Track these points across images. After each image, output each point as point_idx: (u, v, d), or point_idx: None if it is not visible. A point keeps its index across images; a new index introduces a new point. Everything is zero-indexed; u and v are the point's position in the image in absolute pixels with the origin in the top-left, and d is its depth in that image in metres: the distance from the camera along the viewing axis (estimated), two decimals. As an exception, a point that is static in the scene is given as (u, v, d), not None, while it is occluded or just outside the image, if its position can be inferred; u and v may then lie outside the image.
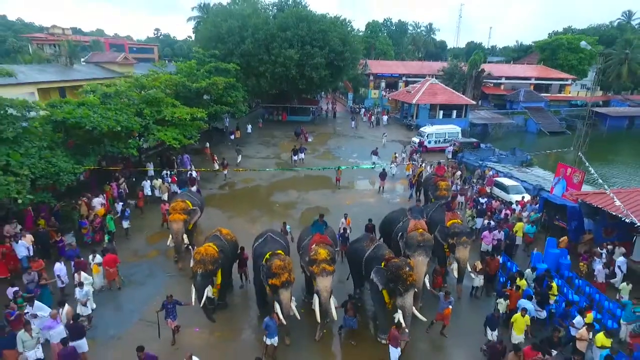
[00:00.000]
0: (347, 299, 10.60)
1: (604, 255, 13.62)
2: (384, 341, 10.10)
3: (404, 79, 55.09)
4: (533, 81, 56.88)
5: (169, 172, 20.39)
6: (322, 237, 10.75)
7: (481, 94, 53.09)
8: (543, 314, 10.98)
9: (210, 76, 27.02)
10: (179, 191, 18.84)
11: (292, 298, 9.97)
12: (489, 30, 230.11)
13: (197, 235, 15.24)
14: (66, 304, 9.94)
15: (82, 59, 36.26)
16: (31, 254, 12.72)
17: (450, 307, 10.53)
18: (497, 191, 20.58)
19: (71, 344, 8.83)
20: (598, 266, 12.86)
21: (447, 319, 10.58)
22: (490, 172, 22.15)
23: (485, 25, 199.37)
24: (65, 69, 29.84)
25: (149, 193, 18.89)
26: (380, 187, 21.90)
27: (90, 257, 12.21)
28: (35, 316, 9.44)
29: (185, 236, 13.27)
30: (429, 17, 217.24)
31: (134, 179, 20.58)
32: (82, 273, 11.21)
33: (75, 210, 15.69)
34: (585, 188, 18.23)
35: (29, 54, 70.94)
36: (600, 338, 9.22)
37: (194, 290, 10.09)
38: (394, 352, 9.22)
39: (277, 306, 9.63)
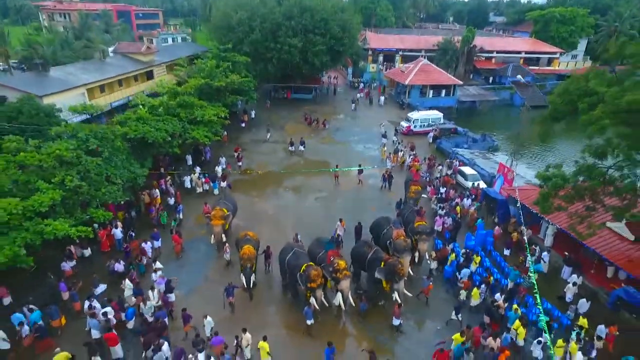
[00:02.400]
0: (360, 292, 15.88)
1: (537, 252, 18.71)
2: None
3: (401, 53, 58.32)
4: (523, 55, 59.96)
5: (203, 174, 25.04)
6: (334, 252, 15.44)
7: (473, 68, 56.75)
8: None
9: (227, 73, 31.65)
10: (211, 185, 24.40)
11: (322, 293, 14.58)
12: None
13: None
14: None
15: (110, 49, 40.44)
16: (121, 236, 18.72)
17: (431, 284, 16.12)
18: (459, 178, 26.09)
19: (166, 295, 15.12)
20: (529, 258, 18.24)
21: (428, 292, 16.07)
22: (456, 163, 27.43)
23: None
24: (101, 64, 34.48)
25: (189, 186, 24.42)
26: (359, 181, 26.53)
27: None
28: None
29: (223, 235, 18.48)
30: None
31: (173, 168, 26.01)
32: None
33: (141, 200, 21.53)
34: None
35: (44, 27, 73.44)
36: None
37: (244, 278, 15.44)
38: (396, 321, 14.57)
39: (312, 300, 14.33)
